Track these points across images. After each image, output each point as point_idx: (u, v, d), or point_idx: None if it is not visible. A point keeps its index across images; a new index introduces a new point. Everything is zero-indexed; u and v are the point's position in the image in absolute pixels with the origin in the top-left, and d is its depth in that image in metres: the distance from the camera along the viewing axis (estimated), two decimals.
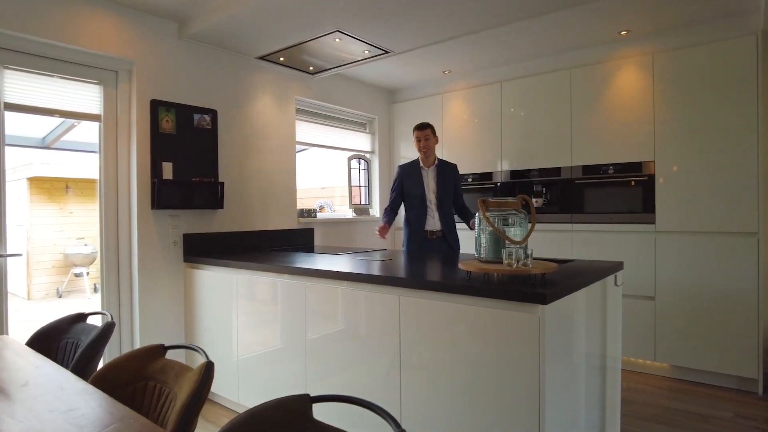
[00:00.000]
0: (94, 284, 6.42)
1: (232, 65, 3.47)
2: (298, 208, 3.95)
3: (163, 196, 2.99)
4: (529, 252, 1.89)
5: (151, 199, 2.99)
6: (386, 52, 3.47)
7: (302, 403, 1.02)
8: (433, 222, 3.35)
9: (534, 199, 3.90)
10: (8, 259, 2.51)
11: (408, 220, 3.43)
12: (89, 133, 3.05)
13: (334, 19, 2.92)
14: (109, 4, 2.82)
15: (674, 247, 3.34)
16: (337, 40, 3.21)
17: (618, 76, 3.55)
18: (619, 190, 3.56)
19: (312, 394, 1.05)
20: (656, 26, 3.35)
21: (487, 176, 4.24)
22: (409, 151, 4.77)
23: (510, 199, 2.05)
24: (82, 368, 1.51)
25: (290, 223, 3.85)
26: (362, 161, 4.66)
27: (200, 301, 3.07)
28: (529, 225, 1.99)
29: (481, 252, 2.05)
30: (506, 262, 1.89)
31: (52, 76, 2.72)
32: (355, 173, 4.58)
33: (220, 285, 2.93)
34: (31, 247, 6.31)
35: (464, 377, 1.84)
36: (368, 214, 4.64)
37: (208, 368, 1.21)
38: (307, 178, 4.90)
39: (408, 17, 2.95)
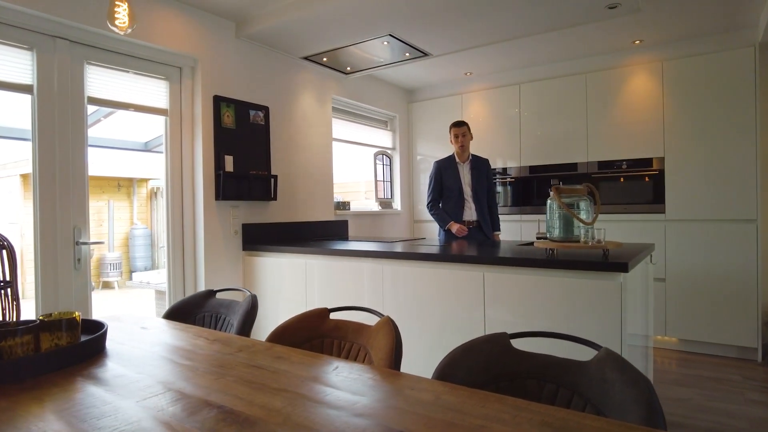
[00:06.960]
0: None
1: (280, 64, 3.65)
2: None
3: (226, 187, 3.15)
4: (601, 232, 2.20)
5: (215, 190, 3.14)
6: (425, 55, 3.73)
7: (504, 338, 1.27)
8: (470, 212, 3.63)
9: None
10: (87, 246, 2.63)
11: (446, 211, 3.70)
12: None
13: (390, 24, 3.16)
14: (173, 2, 2.95)
15: (682, 234, 3.74)
16: (386, 43, 3.44)
17: (630, 81, 3.94)
18: (632, 183, 3.95)
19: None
20: (666, 37, 3.75)
21: (507, 171, 4.56)
22: (426, 149, 5.04)
23: (578, 187, 2.35)
24: (247, 333, 1.71)
25: (328, 215, 4.05)
26: (385, 157, 4.90)
27: (261, 286, 3.24)
28: (594, 209, 2.30)
29: (554, 233, 2.35)
30: (583, 240, 2.20)
31: (128, 71, 2.84)
32: (379, 168, 4.81)
33: (290, 270, 3.11)
34: (24, 245, 6.20)
35: None
36: (391, 207, 4.88)
37: (392, 321, 1.44)
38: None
39: (451, 24, 3.21)
